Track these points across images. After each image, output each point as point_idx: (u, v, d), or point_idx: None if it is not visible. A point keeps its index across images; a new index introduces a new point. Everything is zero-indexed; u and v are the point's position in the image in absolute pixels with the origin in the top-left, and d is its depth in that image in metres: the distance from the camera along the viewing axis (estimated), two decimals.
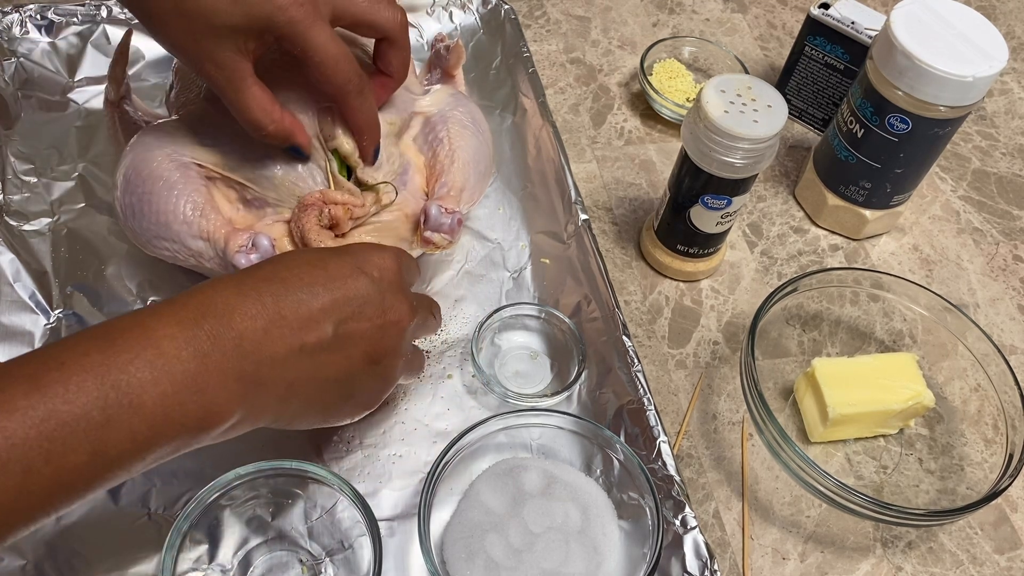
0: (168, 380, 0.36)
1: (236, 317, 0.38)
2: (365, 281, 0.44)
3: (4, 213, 0.63)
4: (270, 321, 0.39)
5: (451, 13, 0.79)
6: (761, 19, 0.90)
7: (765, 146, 0.57)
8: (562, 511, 0.51)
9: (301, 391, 0.42)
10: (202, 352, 0.37)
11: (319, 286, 0.42)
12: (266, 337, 0.39)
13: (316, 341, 0.41)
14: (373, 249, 0.46)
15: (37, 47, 0.71)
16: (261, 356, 0.39)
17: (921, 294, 0.62)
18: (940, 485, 0.59)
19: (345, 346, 0.43)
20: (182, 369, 0.36)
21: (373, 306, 0.44)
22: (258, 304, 0.39)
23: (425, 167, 0.58)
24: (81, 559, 0.50)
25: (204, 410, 0.37)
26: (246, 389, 0.39)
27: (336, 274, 0.43)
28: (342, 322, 0.42)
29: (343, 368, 0.44)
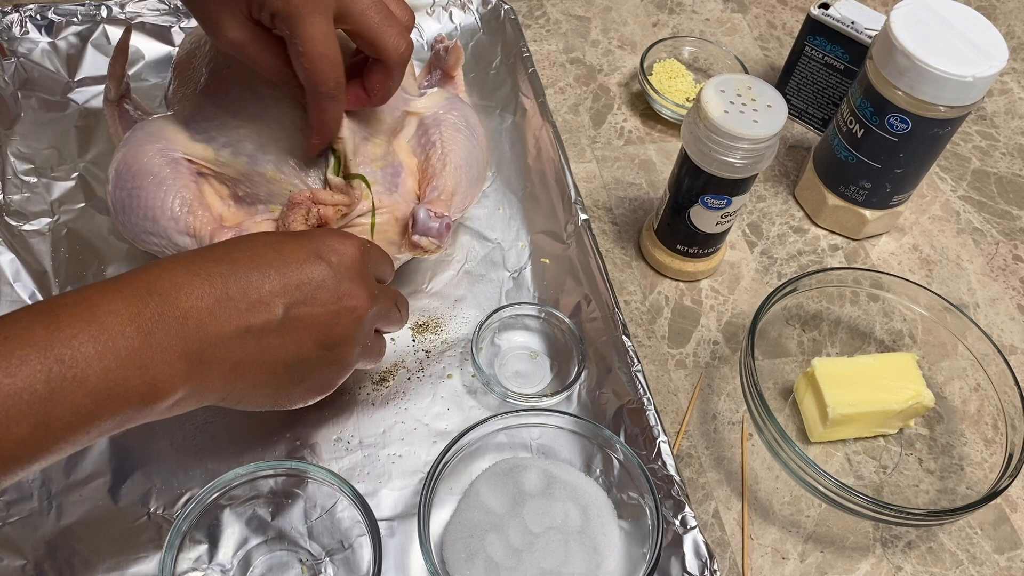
0: (112, 355, 0.36)
1: (182, 295, 0.38)
2: (321, 266, 0.43)
3: (4, 213, 0.63)
4: (216, 301, 0.39)
5: (451, 13, 0.79)
6: (761, 19, 0.90)
7: (765, 146, 0.57)
8: (562, 511, 0.51)
9: (248, 372, 0.42)
10: (146, 329, 0.37)
11: (271, 268, 0.41)
12: (211, 317, 0.39)
13: (264, 323, 0.41)
14: (335, 236, 0.46)
15: (37, 47, 0.71)
16: (206, 335, 0.39)
17: (921, 294, 0.62)
18: (940, 485, 0.59)
19: (295, 330, 0.42)
20: (126, 345, 0.36)
21: (327, 292, 0.43)
22: (206, 284, 0.39)
23: (418, 170, 0.58)
24: (81, 559, 0.50)
25: (148, 386, 0.37)
26: (190, 367, 0.39)
27: (290, 257, 0.42)
28: (293, 306, 0.42)
29: (293, 352, 0.43)
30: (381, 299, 0.48)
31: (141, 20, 0.74)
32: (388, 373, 0.59)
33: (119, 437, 0.54)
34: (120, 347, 0.36)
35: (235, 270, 0.40)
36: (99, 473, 0.53)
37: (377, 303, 0.47)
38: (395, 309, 0.51)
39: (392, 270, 0.52)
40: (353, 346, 0.46)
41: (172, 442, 0.55)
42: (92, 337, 0.36)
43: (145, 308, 0.37)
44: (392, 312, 0.50)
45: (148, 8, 0.74)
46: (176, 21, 0.74)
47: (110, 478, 0.53)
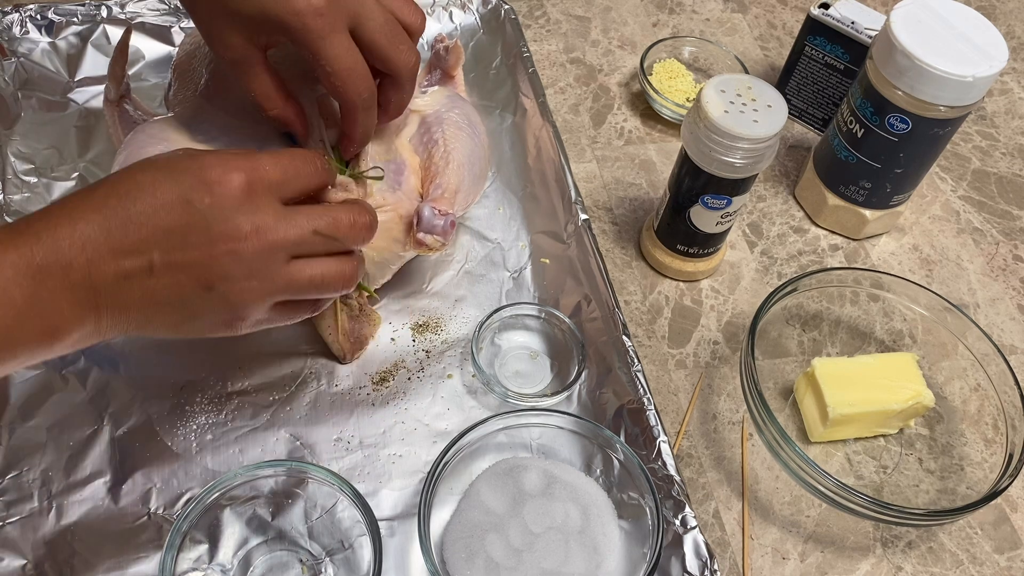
0: (9, 304, 0.38)
1: (64, 247, 0.40)
2: (191, 210, 0.42)
3: (4, 213, 0.63)
4: (95, 251, 0.40)
5: (451, 13, 0.79)
6: (761, 19, 0.90)
7: (765, 146, 0.57)
8: (562, 511, 0.51)
9: (138, 312, 0.43)
10: (36, 279, 0.39)
11: (142, 217, 0.41)
12: (92, 266, 0.40)
13: (139, 270, 0.42)
14: (217, 167, 0.43)
15: (37, 47, 0.71)
16: (90, 283, 0.41)
17: (921, 294, 0.62)
18: (940, 485, 0.59)
19: (171, 274, 0.42)
20: (20, 294, 0.38)
21: (198, 234, 0.42)
22: (85, 235, 0.40)
23: (420, 168, 0.58)
24: (81, 559, 0.50)
25: (43, 330, 0.40)
26: (82, 311, 0.41)
27: (161, 202, 0.42)
28: (165, 252, 0.42)
29: (174, 294, 0.43)
30: (283, 228, 0.44)
31: (141, 20, 0.74)
32: (388, 373, 0.59)
33: (119, 437, 0.54)
34: (15, 296, 0.38)
35: (109, 219, 0.41)
36: (99, 473, 0.53)
37: (274, 234, 0.44)
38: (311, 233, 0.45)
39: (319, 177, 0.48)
40: (237, 283, 0.44)
41: (172, 442, 0.55)
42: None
43: (35, 258, 0.39)
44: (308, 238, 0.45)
45: (148, 8, 0.74)
46: (176, 21, 0.74)
47: (110, 478, 0.53)
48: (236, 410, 0.56)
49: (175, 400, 0.56)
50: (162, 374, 0.57)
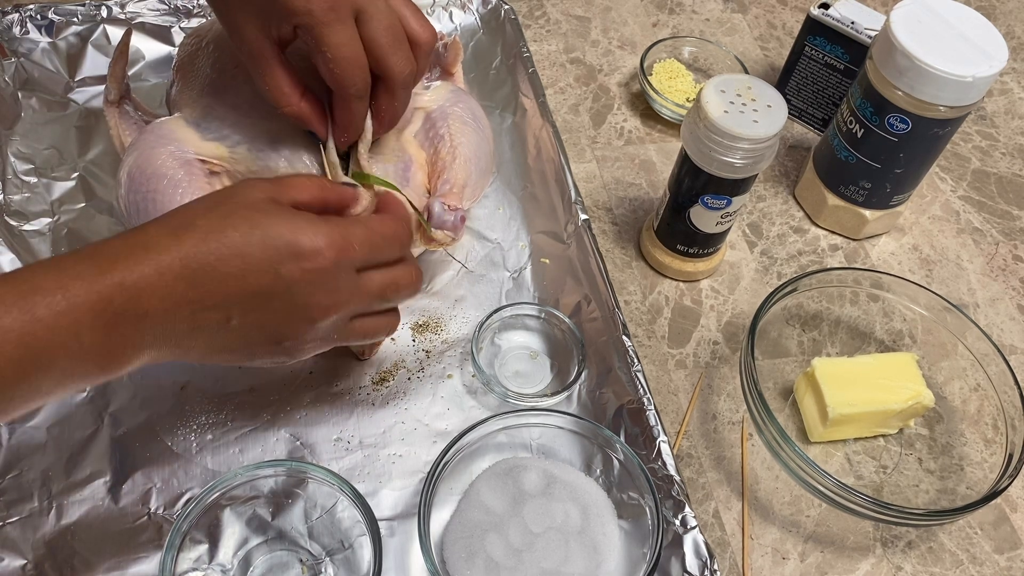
0: (77, 345, 0.39)
1: (144, 297, 0.40)
2: (279, 282, 0.43)
3: (4, 213, 0.63)
4: (175, 304, 0.41)
5: (451, 13, 0.79)
6: (761, 19, 0.90)
7: (765, 146, 0.57)
8: (562, 511, 0.51)
9: (200, 353, 0.45)
10: (110, 324, 0.40)
11: (231, 279, 0.42)
12: (168, 317, 0.41)
13: (215, 324, 0.43)
14: (310, 234, 0.44)
15: (37, 47, 0.71)
16: (161, 331, 0.42)
17: (921, 294, 0.62)
18: (940, 485, 0.59)
19: (246, 330, 0.44)
20: (91, 338, 0.39)
21: (280, 302, 0.44)
22: (169, 287, 0.41)
23: (427, 163, 0.58)
24: (81, 559, 0.50)
25: (104, 367, 0.41)
26: (144, 351, 0.42)
27: (251, 268, 0.42)
28: (245, 312, 0.43)
29: (242, 344, 0.45)
30: (355, 298, 0.47)
31: (141, 20, 0.74)
32: (388, 373, 0.59)
33: (119, 437, 0.54)
34: (86, 339, 0.39)
35: (198, 276, 0.42)
36: (99, 473, 0.53)
37: (346, 306, 0.46)
38: (378, 298, 0.48)
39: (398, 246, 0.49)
40: (302, 342, 0.47)
41: (172, 442, 0.55)
42: (64, 328, 0.38)
43: (111, 304, 0.39)
44: (373, 302, 0.48)
45: (148, 8, 0.74)
46: (176, 21, 0.74)
47: (110, 478, 0.53)
48: (236, 410, 0.56)
49: (175, 400, 0.56)
50: (162, 374, 0.57)
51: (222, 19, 0.50)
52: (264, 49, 0.49)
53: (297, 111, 0.51)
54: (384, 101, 0.53)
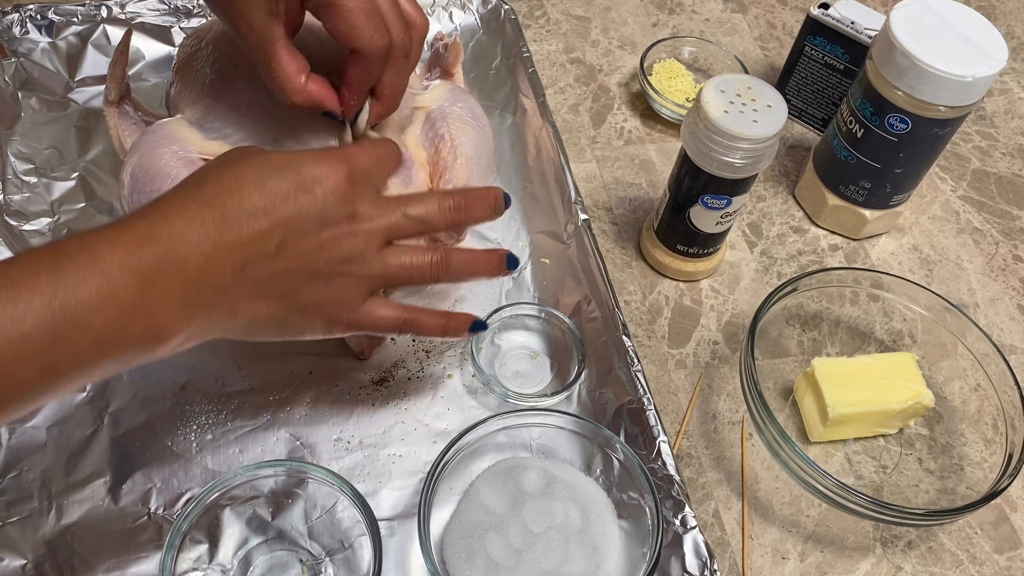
0: (115, 304, 0.38)
1: (179, 244, 0.40)
2: (306, 199, 0.44)
3: (4, 213, 0.63)
4: (212, 247, 0.41)
5: (451, 13, 0.79)
6: (761, 19, 0.90)
7: (765, 146, 0.57)
8: (562, 511, 0.51)
9: (247, 309, 0.44)
10: (147, 277, 0.39)
11: (260, 211, 0.42)
12: (208, 263, 0.41)
13: (257, 261, 0.43)
14: (318, 163, 0.45)
15: (37, 47, 0.71)
16: (204, 281, 0.41)
17: (921, 294, 0.62)
18: (940, 485, 0.59)
19: (286, 261, 0.44)
20: (127, 295, 0.38)
21: (312, 221, 0.44)
22: (201, 230, 0.41)
23: (428, 163, 0.59)
24: (81, 559, 0.50)
25: (149, 331, 0.40)
26: (191, 312, 0.41)
27: (276, 194, 0.43)
28: (283, 242, 0.43)
29: (286, 285, 0.45)
30: (381, 214, 0.47)
31: (141, 20, 0.74)
32: (388, 373, 0.59)
33: (119, 437, 0.54)
34: (122, 296, 0.38)
35: (225, 214, 0.42)
36: (99, 473, 0.53)
37: (374, 220, 0.47)
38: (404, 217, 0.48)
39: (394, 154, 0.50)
40: (340, 266, 0.46)
41: (172, 442, 0.55)
42: (95, 286, 0.37)
43: (145, 256, 0.39)
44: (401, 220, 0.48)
45: (148, 8, 0.74)
46: (176, 21, 0.74)
47: (110, 478, 0.53)
48: (236, 410, 0.56)
49: (175, 400, 0.56)
50: (162, 374, 0.57)
51: (226, 10, 0.49)
52: (272, 31, 0.48)
53: (307, 94, 0.50)
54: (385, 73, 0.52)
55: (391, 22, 0.50)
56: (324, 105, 0.51)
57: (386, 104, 0.53)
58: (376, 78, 0.52)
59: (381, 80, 0.52)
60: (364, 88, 0.52)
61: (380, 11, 0.49)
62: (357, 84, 0.51)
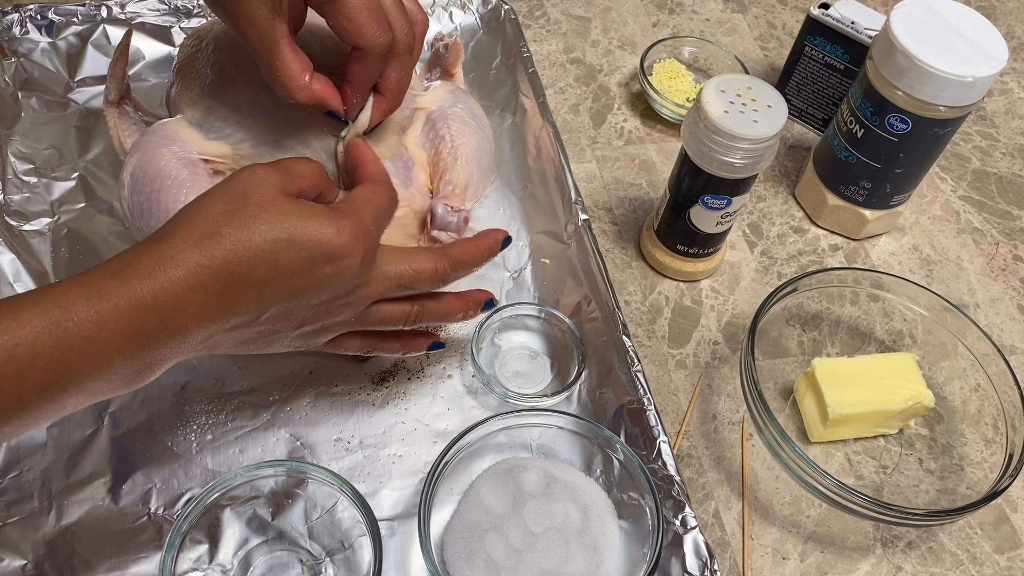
0: (107, 367, 0.39)
1: (178, 314, 0.41)
2: (310, 279, 0.44)
3: (4, 213, 0.63)
4: (209, 318, 0.42)
5: (451, 13, 0.79)
6: (761, 19, 0.90)
7: (765, 146, 0.57)
8: (562, 511, 0.51)
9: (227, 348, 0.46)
10: (141, 347, 0.40)
11: (265, 285, 0.43)
12: (199, 330, 0.42)
13: (245, 324, 0.44)
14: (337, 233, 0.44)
15: (37, 47, 0.71)
16: (193, 344, 0.43)
17: (921, 294, 0.62)
18: (940, 485, 0.59)
19: (275, 323, 0.46)
20: (120, 360, 0.40)
21: (312, 296, 0.45)
22: (203, 305, 0.42)
23: (428, 164, 0.59)
24: (81, 559, 0.50)
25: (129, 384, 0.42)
26: (172, 359, 0.43)
27: (284, 271, 0.43)
28: (277, 310, 0.45)
29: (269, 335, 0.47)
30: (376, 284, 0.48)
31: (141, 20, 0.74)
32: (388, 373, 0.59)
33: (119, 437, 0.54)
34: (115, 361, 0.40)
35: (230, 287, 0.42)
36: (99, 473, 0.53)
37: (369, 290, 0.48)
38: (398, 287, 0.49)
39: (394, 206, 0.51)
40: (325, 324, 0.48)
41: (172, 442, 0.55)
42: (94, 354, 0.39)
43: (144, 326, 0.40)
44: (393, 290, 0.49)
45: (148, 8, 0.74)
46: (176, 21, 0.74)
47: (110, 478, 0.53)
48: (236, 410, 0.56)
49: (175, 400, 0.56)
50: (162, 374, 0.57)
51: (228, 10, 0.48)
52: (276, 29, 0.48)
53: (312, 92, 0.50)
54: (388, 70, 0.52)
55: (394, 18, 0.50)
56: (328, 104, 0.51)
57: (391, 101, 0.53)
58: (378, 75, 0.51)
59: (385, 77, 0.52)
60: (367, 86, 0.51)
61: (383, 7, 0.49)
62: (360, 81, 0.51)
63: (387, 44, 0.49)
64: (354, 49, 0.50)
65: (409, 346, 0.55)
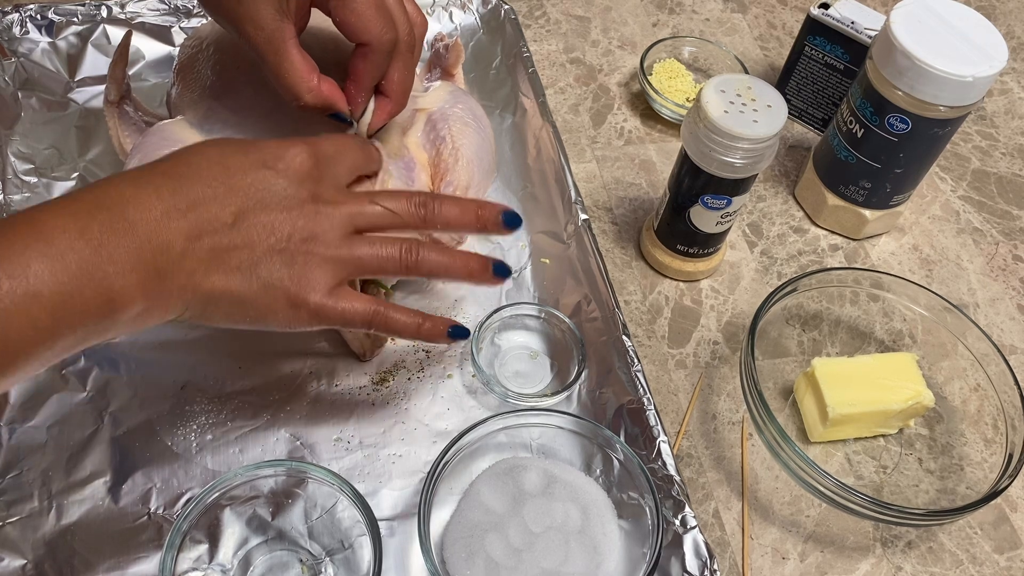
0: (63, 270, 0.36)
1: (130, 208, 0.39)
2: (266, 173, 0.43)
3: (4, 213, 0.63)
4: (164, 211, 0.40)
5: (451, 13, 0.79)
6: (761, 19, 0.90)
7: (765, 146, 0.57)
8: (562, 511, 0.51)
9: (204, 280, 0.42)
10: (96, 242, 0.38)
11: (217, 179, 0.42)
12: (160, 226, 0.40)
13: (212, 228, 0.42)
14: (285, 145, 0.45)
15: (37, 47, 0.71)
16: (157, 245, 0.40)
17: (921, 294, 0.62)
18: (940, 485, 0.59)
19: (245, 232, 0.43)
20: (76, 259, 0.37)
21: (274, 195, 0.43)
22: (153, 195, 0.40)
23: (429, 165, 0.59)
24: (81, 559, 0.50)
25: (103, 297, 0.38)
26: (145, 277, 0.39)
27: (235, 167, 0.43)
28: (240, 211, 0.42)
29: (246, 257, 0.43)
30: (346, 200, 0.46)
31: (141, 20, 0.74)
32: (388, 373, 0.59)
33: (119, 437, 0.54)
34: (71, 261, 0.37)
35: (181, 182, 0.41)
36: (99, 473, 0.53)
37: (339, 203, 0.46)
38: (371, 203, 0.47)
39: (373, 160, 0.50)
40: (304, 245, 0.45)
41: (172, 442, 0.55)
42: (40, 252, 0.36)
43: (93, 222, 0.38)
44: (367, 207, 0.47)
45: (148, 8, 0.74)
46: (176, 21, 0.74)
47: (110, 478, 0.53)
48: (236, 410, 0.56)
49: (175, 400, 0.56)
50: (162, 374, 0.57)
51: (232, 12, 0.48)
52: (282, 30, 0.48)
53: (319, 93, 0.50)
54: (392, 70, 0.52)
55: (397, 17, 0.50)
56: (335, 105, 0.51)
57: (396, 101, 0.53)
58: (382, 73, 0.51)
59: (389, 77, 0.52)
60: (371, 84, 0.51)
61: (387, 5, 0.49)
62: (365, 79, 0.51)
63: (393, 41, 0.49)
64: (359, 46, 0.49)
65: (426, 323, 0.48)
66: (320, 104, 0.50)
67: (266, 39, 0.48)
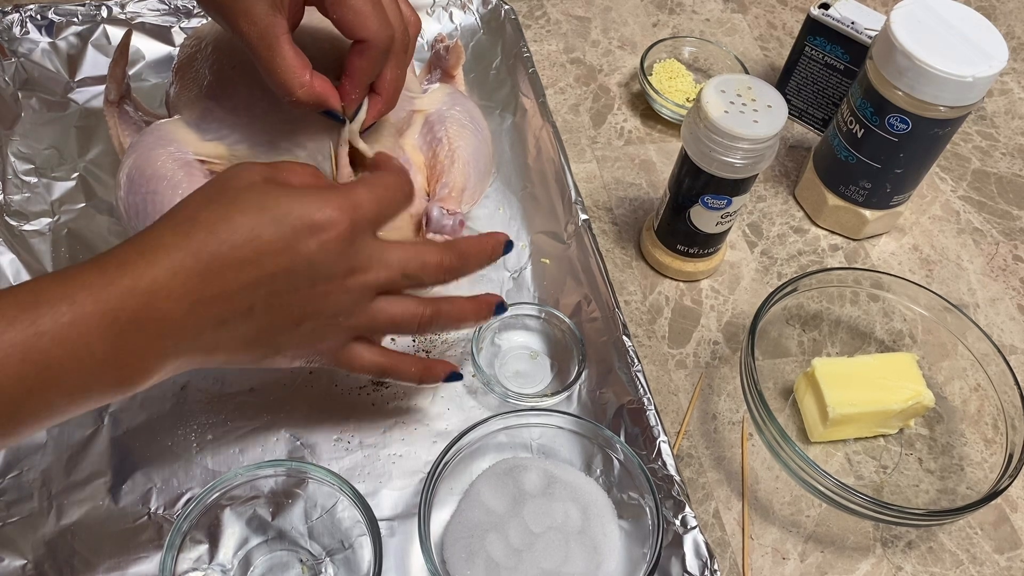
0: (89, 357, 0.38)
1: (159, 299, 0.39)
2: (296, 256, 0.42)
3: (4, 213, 0.63)
4: (192, 304, 0.40)
5: (451, 13, 0.79)
6: (761, 19, 0.90)
7: (765, 146, 0.57)
8: (562, 511, 0.51)
9: (224, 352, 0.44)
10: (123, 332, 0.38)
11: (248, 264, 0.41)
12: (186, 318, 0.40)
13: (237, 315, 0.42)
14: (319, 207, 0.43)
15: (37, 47, 0.71)
16: (181, 334, 0.41)
17: (921, 294, 0.62)
18: (940, 485, 0.59)
19: (271, 315, 0.43)
20: (102, 348, 0.38)
21: (302, 277, 0.43)
22: (183, 286, 0.40)
23: (425, 167, 0.59)
24: (81, 559, 0.50)
25: (121, 380, 0.40)
26: (165, 361, 0.41)
27: (267, 250, 0.41)
28: (268, 296, 0.42)
29: (267, 333, 0.44)
30: (376, 270, 0.46)
31: (141, 20, 0.74)
32: None
33: (119, 437, 0.54)
34: (97, 350, 0.38)
35: (212, 269, 0.40)
36: (99, 473, 0.53)
37: (369, 275, 0.46)
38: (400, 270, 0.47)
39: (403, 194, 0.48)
40: (326, 319, 0.45)
41: (172, 442, 0.55)
42: (72, 340, 0.37)
43: (123, 311, 0.38)
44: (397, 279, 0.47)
45: (148, 8, 0.74)
46: (176, 21, 0.74)
47: (110, 478, 0.53)
48: (236, 410, 0.56)
49: (175, 400, 0.56)
50: None
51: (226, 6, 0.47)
52: (275, 26, 0.47)
53: (310, 89, 0.49)
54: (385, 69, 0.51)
55: (392, 15, 0.50)
56: (328, 102, 0.50)
57: (386, 100, 0.53)
58: (378, 71, 0.51)
59: (382, 76, 0.51)
60: (366, 81, 0.51)
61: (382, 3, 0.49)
62: (360, 76, 0.50)
63: (390, 38, 0.49)
64: (355, 43, 0.49)
65: (427, 373, 0.52)
66: (312, 100, 0.50)
67: (259, 34, 0.47)
